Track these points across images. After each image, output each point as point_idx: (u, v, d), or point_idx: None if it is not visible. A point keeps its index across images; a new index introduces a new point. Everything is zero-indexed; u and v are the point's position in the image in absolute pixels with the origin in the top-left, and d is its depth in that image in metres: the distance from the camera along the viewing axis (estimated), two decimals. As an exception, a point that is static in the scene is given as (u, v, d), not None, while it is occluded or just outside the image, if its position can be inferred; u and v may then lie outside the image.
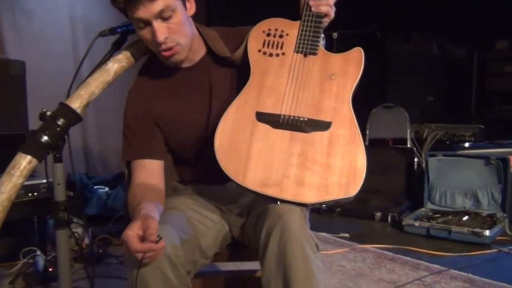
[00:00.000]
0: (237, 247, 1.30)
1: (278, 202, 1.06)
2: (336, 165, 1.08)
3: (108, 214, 3.17)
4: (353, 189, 1.07)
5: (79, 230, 2.46)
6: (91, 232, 2.60)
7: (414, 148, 3.64)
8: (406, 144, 3.71)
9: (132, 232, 0.91)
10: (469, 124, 3.84)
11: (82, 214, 2.72)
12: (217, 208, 1.28)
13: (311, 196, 1.06)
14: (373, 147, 3.73)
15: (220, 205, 1.28)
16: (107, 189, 3.33)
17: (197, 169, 1.29)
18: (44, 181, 2.26)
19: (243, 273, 1.44)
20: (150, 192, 1.15)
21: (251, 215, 1.20)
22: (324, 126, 1.11)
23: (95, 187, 3.31)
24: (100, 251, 2.56)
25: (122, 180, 3.40)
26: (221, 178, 1.08)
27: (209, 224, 1.20)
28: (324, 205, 1.12)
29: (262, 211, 1.08)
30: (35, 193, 2.16)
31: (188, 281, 1.05)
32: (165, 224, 1.03)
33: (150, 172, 1.20)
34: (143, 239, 0.91)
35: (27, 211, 2.16)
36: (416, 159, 3.55)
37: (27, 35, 3.24)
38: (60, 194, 1.17)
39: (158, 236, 0.91)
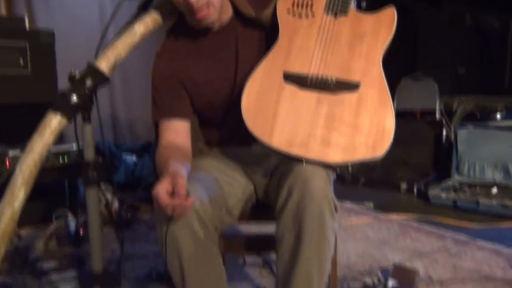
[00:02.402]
0: (262, 208, 1.31)
1: (304, 162, 1.06)
2: (363, 125, 1.07)
3: (135, 182, 3.24)
4: (380, 150, 1.06)
5: (108, 195, 2.53)
6: (120, 199, 2.67)
7: (443, 120, 3.56)
8: (435, 116, 3.63)
9: (162, 188, 0.93)
10: (501, 96, 3.72)
11: (111, 180, 2.78)
12: (242, 169, 1.29)
13: (337, 156, 1.05)
14: (400, 118, 3.66)
15: (245, 166, 1.29)
16: (134, 157, 3.39)
17: (223, 130, 1.30)
18: (74, 147, 2.32)
19: (265, 234, 1.45)
20: (177, 152, 1.17)
21: (275, 175, 1.21)
22: (352, 86, 1.10)
23: (123, 155, 3.38)
24: (129, 216, 2.64)
25: (149, 149, 3.46)
26: (247, 139, 1.08)
27: (234, 184, 1.22)
28: (349, 167, 1.11)
29: (287, 170, 1.09)
30: (66, 158, 2.23)
31: (216, 236, 1.07)
32: (193, 182, 1.05)
33: (177, 132, 1.22)
34: (172, 194, 0.93)
35: (59, 175, 2.24)
36: (444, 132, 3.48)
37: (55, 3, 3.29)
38: (90, 154, 1.19)
39: (187, 192, 0.93)
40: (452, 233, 2.35)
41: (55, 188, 2.50)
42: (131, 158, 3.35)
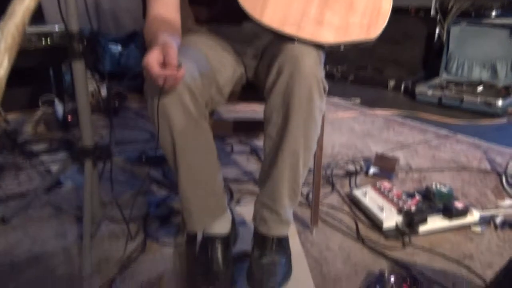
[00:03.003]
0: (251, 89, 1.30)
1: (295, 42, 1.04)
2: (359, 5, 1.04)
3: (121, 71, 3.19)
4: (374, 31, 1.03)
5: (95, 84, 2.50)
6: (107, 86, 2.65)
7: (437, 18, 3.47)
8: (429, 13, 3.53)
9: (153, 58, 0.89)
10: (499, -6, 3.60)
11: (97, 68, 2.72)
12: (232, 49, 1.26)
13: (330, 37, 1.02)
14: (394, 15, 3.55)
15: (235, 46, 1.26)
16: (120, 47, 3.29)
17: (213, 7, 1.25)
18: (57, 28, 2.23)
19: (253, 119, 1.47)
20: (166, 24, 1.12)
21: (266, 56, 1.19)
22: None
23: (108, 45, 3.28)
24: (116, 104, 2.64)
25: (135, 38, 3.36)
26: (237, 16, 1.04)
27: (225, 63, 1.19)
28: (342, 48, 1.08)
29: (277, 49, 1.06)
30: (49, 40, 2.14)
31: (206, 112, 1.06)
32: (183, 57, 1.01)
33: (166, 4, 1.16)
34: (163, 65, 0.90)
35: (43, 57, 2.17)
36: (437, 30, 3.41)
37: None
38: (74, 24, 1.15)
39: (179, 62, 0.89)
40: (435, 128, 2.41)
41: (40, 74, 2.45)
42: (116, 48, 3.26)
